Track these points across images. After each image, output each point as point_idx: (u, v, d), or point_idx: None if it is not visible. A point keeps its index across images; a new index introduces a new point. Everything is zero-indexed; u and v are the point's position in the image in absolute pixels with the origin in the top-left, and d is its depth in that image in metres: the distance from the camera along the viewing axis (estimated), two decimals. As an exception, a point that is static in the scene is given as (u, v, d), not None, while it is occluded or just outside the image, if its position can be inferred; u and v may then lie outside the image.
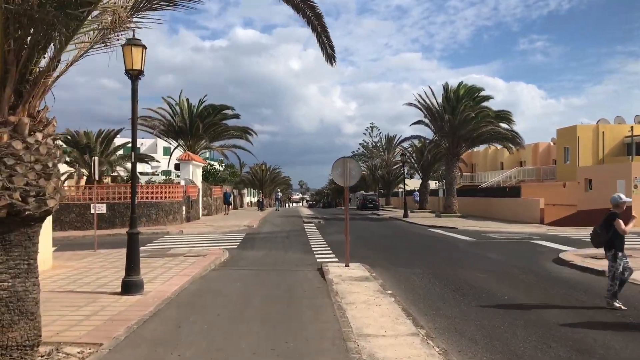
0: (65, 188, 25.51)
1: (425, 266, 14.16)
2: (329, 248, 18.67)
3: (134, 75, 9.72)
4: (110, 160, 44.39)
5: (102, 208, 25.38)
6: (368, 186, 79.55)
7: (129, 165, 50.67)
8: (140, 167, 57.90)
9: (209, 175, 47.19)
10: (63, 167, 46.95)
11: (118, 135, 43.51)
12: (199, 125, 39.49)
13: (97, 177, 19.67)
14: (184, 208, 29.94)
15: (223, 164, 49.51)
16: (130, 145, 48.97)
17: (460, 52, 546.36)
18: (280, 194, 49.43)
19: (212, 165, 46.42)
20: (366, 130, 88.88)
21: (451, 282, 11.73)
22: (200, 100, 41.72)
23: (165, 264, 13.65)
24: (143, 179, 43.04)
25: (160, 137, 42.40)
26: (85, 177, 42.12)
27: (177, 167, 36.50)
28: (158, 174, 55.65)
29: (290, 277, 12.17)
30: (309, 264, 14.52)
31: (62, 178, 39.10)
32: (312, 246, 19.41)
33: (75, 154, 43.19)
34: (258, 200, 51.55)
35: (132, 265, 9.77)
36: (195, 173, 38.43)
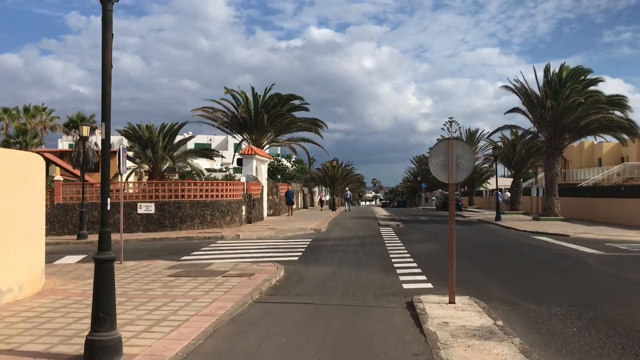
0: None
1: (565, 300, 9.61)
2: (415, 264, 14.34)
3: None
4: (173, 156, 41.75)
5: (150, 208, 22.16)
6: (447, 184, 73.99)
7: (194, 161, 48.05)
8: (209, 163, 55.48)
9: (276, 172, 43.78)
10: (128, 163, 45.04)
11: (183, 134, 40.95)
12: (264, 116, 36.00)
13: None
14: (243, 208, 26.40)
15: (292, 160, 45.96)
16: (193, 138, 45.44)
17: (540, 47, 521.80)
18: (349, 192, 45.27)
19: (279, 161, 42.92)
20: (444, 125, 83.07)
21: (633, 337, 7.18)
22: (266, 89, 38.34)
23: (193, 290, 9.84)
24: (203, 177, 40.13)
25: (222, 130, 39.36)
26: (148, 174, 39.69)
27: (239, 162, 33.19)
28: (227, 171, 52.72)
29: (366, 324, 7.98)
30: (392, 293, 10.30)
31: (125, 174, 36.38)
32: (393, 260, 15.15)
33: (137, 149, 40.79)
34: (322, 199, 47.66)
35: (100, 313, 5.94)
36: (259, 169, 35.01)
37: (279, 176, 43.28)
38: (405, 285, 11.10)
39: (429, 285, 11.16)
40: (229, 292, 9.60)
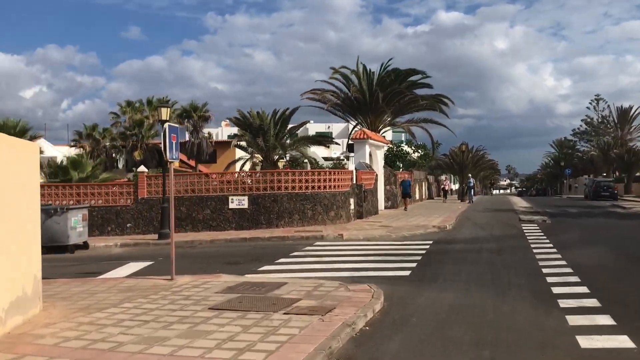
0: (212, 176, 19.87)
1: None
2: (584, 287, 9.62)
3: None
4: (284, 144, 38.85)
5: (242, 202, 19.12)
6: (597, 169, 64.99)
7: (309, 150, 45.17)
8: (327, 152, 52.23)
9: (395, 159, 39.46)
10: (238, 153, 43.07)
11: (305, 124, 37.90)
12: (379, 95, 31.86)
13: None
14: (352, 201, 22.56)
15: (413, 145, 41.34)
16: (309, 126, 42.35)
17: None
18: (472, 181, 39.43)
19: (399, 146, 38.59)
20: (590, 103, 73.44)
21: None
22: (382, 65, 34.10)
23: (220, 347, 6.11)
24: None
25: (333, 113, 35.80)
26: (261, 164, 37.20)
27: (350, 148, 29.45)
28: (344, 160, 49.00)
29: None
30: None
31: (239, 164, 34.06)
32: (549, 278, 10.52)
33: (248, 138, 38.41)
34: (446, 188, 41.89)
35: None
36: (374, 155, 31.01)
37: (398, 163, 38.93)
38: (581, 339, 6.56)
39: (623, 337, 6.56)
40: (272, 355, 5.75)
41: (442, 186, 39.55)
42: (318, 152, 49.36)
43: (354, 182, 23.53)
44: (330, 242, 17.24)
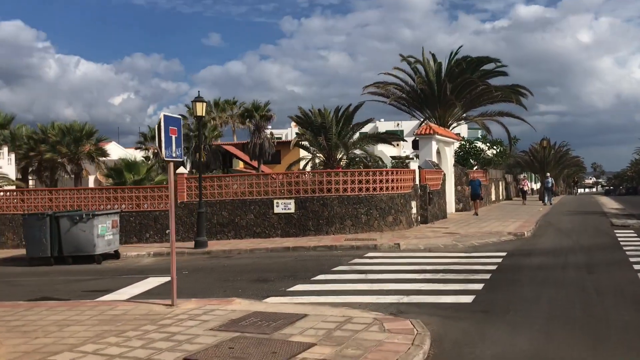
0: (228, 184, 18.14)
1: None
2: None
3: None
4: (347, 142, 36.59)
5: (289, 206, 17.19)
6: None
7: (376, 148, 42.99)
8: (395, 150, 49.40)
9: (467, 156, 36.33)
10: (302, 153, 41.19)
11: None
12: (447, 86, 29.01)
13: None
14: (413, 204, 20.05)
15: (488, 142, 37.98)
16: (372, 123, 39.89)
17: None
18: (551, 180, 35.13)
19: (471, 142, 35.48)
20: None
21: None
22: (451, 53, 31.17)
23: None
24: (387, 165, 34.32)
25: (398, 108, 33.13)
26: (323, 164, 35.18)
27: (414, 145, 26.89)
28: (413, 159, 46.03)
29: None
30: None
31: (302, 164, 32.15)
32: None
33: (309, 136, 36.52)
34: (524, 188, 37.28)
35: None
36: (443, 153, 28.29)
37: (472, 161, 35.81)
38: None
39: None
40: None
41: (520, 186, 35.79)
42: (386, 150, 46.76)
43: (417, 182, 21.00)
44: (383, 254, 14.88)
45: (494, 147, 37.35)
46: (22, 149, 46.97)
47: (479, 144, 36.90)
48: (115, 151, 58.70)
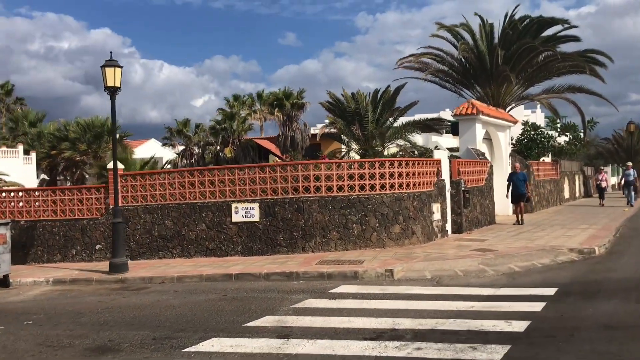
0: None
1: None
2: None
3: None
4: (383, 131, 31.12)
5: (251, 212, 12.45)
6: None
7: (415, 138, 37.12)
8: (454, 140, 43.05)
9: (533, 145, 30.10)
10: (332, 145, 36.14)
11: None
12: (498, 54, 23.16)
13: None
14: (435, 207, 14.68)
15: (558, 125, 31.46)
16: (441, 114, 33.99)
17: None
18: (633, 172, 27.52)
19: (537, 127, 29.34)
20: None
21: None
22: (506, 15, 25.15)
23: None
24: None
25: (433, 82, 27.36)
26: (360, 156, 30.04)
27: (454, 129, 21.38)
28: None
29: None
30: None
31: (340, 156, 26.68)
32: None
33: (340, 125, 31.46)
34: (601, 184, 28.82)
35: None
36: (495, 139, 22.71)
37: (535, 149, 29.63)
38: None
39: None
40: None
41: (597, 181, 28.67)
42: (444, 142, 40.74)
43: (444, 177, 15.60)
44: (359, 288, 9.78)
45: (566, 132, 30.85)
46: (44, 148, 44.77)
47: (547, 130, 30.60)
48: (154, 148, 55.95)
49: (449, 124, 26.18)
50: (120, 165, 15.74)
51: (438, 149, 19.70)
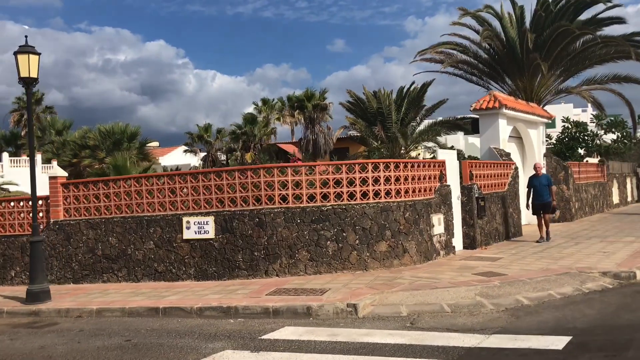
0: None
1: None
2: None
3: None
4: (406, 132, 28.36)
5: (205, 227, 10.37)
6: None
7: (446, 139, 34.26)
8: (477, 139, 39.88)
9: (575, 143, 26.95)
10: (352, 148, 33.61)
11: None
12: (528, 38, 20.33)
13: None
14: (436, 219, 12.12)
15: (604, 121, 28.11)
16: (442, 105, 30.62)
17: None
18: None
19: (579, 125, 26.24)
20: None
21: None
22: (538, -3, 22.23)
23: None
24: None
25: (457, 75, 24.60)
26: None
27: (474, 126, 18.79)
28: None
29: None
30: None
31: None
32: None
33: (360, 126, 29.00)
34: None
35: None
36: (526, 137, 20.06)
37: (580, 151, 26.54)
38: None
39: None
40: None
41: None
42: (476, 142, 37.86)
43: (446, 182, 13.03)
44: (309, 331, 7.44)
45: (613, 129, 27.51)
46: (67, 156, 44.00)
47: (592, 126, 27.40)
48: (181, 157, 54.62)
49: (469, 120, 23.52)
50: (62, 173, 13.90)
51: (453, 148, 17.09)
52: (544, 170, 20.81)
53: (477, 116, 18.46)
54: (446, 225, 12.64)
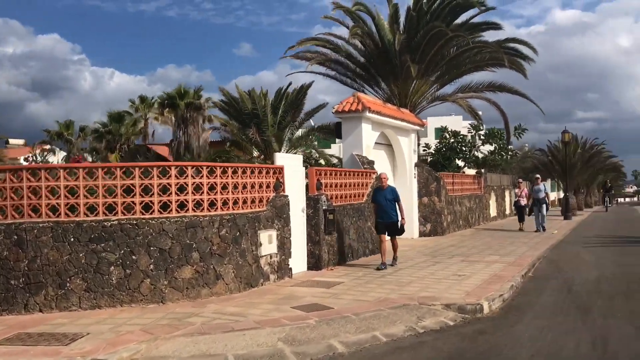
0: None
1: None
2: None
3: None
4: (281, 137, 26.35)
5: None
6: None
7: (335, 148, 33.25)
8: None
9: (452, 154, 26.27)
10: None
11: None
12: (398, 39, 19.04)
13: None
14: (266, 237, 10.11)
15: (482, 133, 27.63)
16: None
17: None
18: (543, 188, 22.15)
19: (456, 134, 25.52)
20: None
21: None
22: (413, -4, 21.06)
23: None
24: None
25: (329, 76, 23.11)
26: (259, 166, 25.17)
27: (337, 129, 17.11)
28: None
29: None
30: None
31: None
32: None
33: (232, 128, 26.74)
34: (521, 202, 22.92)
35: None
36: (396, 144, 18.82)
37: (458, 161, 25.91)
38: None
39: None
40: None
41: (517, 198, 23.83)
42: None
43: (284, 191, 11.09)
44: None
45: (491, 140, 27.13)
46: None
47: (465, 133, 26.85)
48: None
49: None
50: None
51: (333, 157, 15.30)
52: (414, 181, 19.67)
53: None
54: (281, 243, 10.68)
